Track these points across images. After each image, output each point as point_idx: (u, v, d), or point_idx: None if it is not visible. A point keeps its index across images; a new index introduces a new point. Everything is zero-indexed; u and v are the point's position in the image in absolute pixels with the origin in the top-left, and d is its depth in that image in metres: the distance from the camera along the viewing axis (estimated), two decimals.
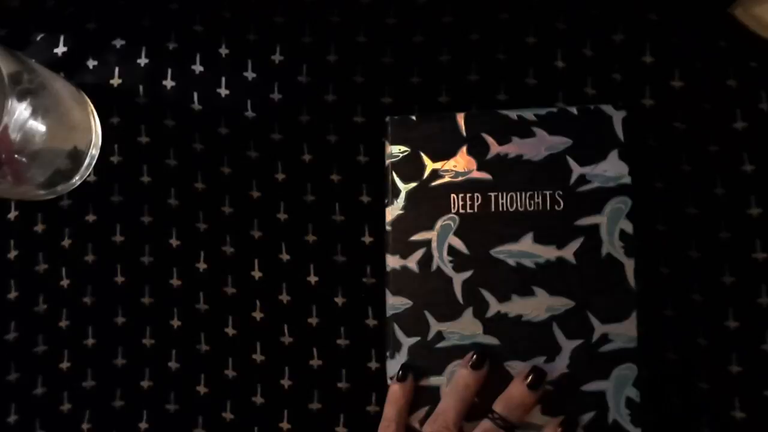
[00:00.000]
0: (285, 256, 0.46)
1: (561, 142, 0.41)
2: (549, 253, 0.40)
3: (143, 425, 0.46)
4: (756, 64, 0.42)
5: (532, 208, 0.40)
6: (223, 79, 0.47)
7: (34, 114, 0.40)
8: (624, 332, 0.39)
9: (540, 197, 0.40)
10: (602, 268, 0.39)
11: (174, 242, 0.47)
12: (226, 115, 0.47)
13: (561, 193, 0.40)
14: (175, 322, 0.46)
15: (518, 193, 0.40)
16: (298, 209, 0.46)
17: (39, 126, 0.41)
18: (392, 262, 0.41)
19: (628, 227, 0.39)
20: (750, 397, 0.41)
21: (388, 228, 0.42)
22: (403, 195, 0.42)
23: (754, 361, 0.41)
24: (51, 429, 0.47)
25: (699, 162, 0.43)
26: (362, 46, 0.46)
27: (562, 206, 0.40)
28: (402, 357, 0.41)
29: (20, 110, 0.39)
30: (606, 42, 0.44)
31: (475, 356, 0.39)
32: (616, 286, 0.39)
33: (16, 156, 0.40)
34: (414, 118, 0.42)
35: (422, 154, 0.42)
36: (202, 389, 0.46)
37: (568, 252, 0.40)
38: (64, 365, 0.47)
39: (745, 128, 0.42)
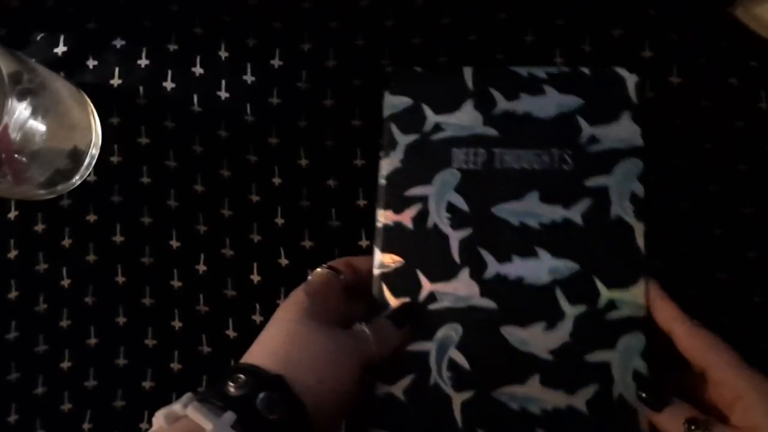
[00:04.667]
0: (284, 261, 0.46)
1: (572, 101, 0.39)
2: (555, 213, 0.37)
3: (144, 426, 0.46)
4: (756, 63, 0.42)
5: (539, 166, 0.38)
6: (223, 82, 0.47)
7: (34, 114, 0.40)
8: (632, 299, 0.36)
9: (548, 156, 0.38)
10: (610, 231, 0.37)
11: (174, 243, 0.47)
12: (225, 118, 0.47)
13: (570, 152, 0.38)
14: (176, 323, 0.46)
15: (525, 151, 0.38)
16: (295, 214, 0.46)
17: (39, 126, 0.41)
18: (384, 217, 0.39)
19: (640, 190, 0.37)
20: None
21: (382, 182, 0.39)
22: (401, 147, 0.39)
23: (749, 360, 0.41)
24: (51, 429, 0.47)
25: (696, 159, 0.43)
26: (360, 50, 0.46)
27: (570, 166, 0.38)
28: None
29: (20, 110, 0.39)
30: (605, 38, 0.44)
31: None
32: (624, 251, 0.37)
33: (16, 156, 0.40)
34: (419, 69, 0.41)
35: (424, 106, 0.40)
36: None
37: (575, 213, 0.37)
38: (65, 365, 0.47)
39: (744, 127, 0.42)
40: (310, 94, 0.46)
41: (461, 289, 0.37)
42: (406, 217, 0.39)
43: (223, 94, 0.47)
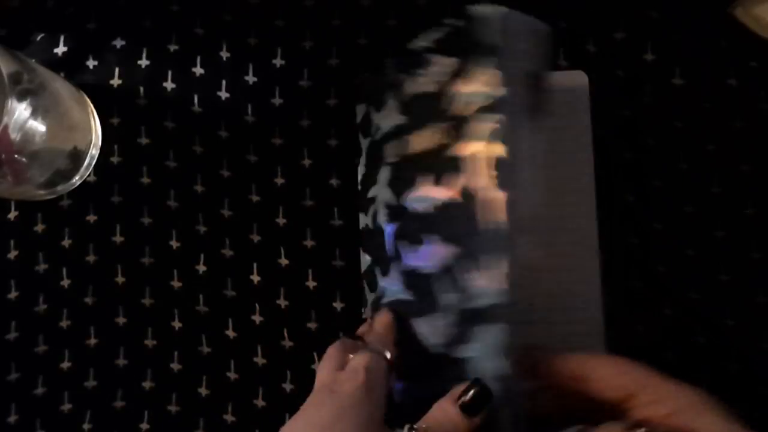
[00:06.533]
0: (284, 261, 0.46)
1: (449, 62, 0.36)
2: (442, 193, 0.35)
3: (144, 426, 0.46)
4: (756, 63, 0.42)
5: (433, 145, 0.36)
6: (224, 82, 0.47)
7: (34, 114, 0.40)
8: (496, 285, 0.32)
9: (438, 133, 0.36)
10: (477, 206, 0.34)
11: (174, 243, 0.47)
12: (226, 118, 0.47)
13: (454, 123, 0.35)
14: (176, 324, 0.46)
15: (424, 131, 0.36)
16: (297, 214, 0.46)
17: (39, 126, 0.41)
18: (362, 220, 0.42)
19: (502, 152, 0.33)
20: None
21: (359, 187, 0.42)
22: (364, 153, 0.42)
23: (753, 361, 0.41)
24: (51, 429, 0.47)
25: (699, 161, 0.43)
26: (363, 49, 0.46)
27: (455, 137, 0.35)
28: (367, 313, 0.40)
29: (20, 110, 0.39)
30: (607, 40, 0.44)
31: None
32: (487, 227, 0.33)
33: (16, 156, 0.40)
34: (367, 74, 0.43)
35: (371, 109, 0.42)
36: (203, 391, 0.46)
37: (456, 190, 0.34)
38: (65, 365, 0.47)
39: (745, 128, 0.42)
40: (313, 93, 0.46)
41: (393, 282, 0.38)
42: (369, 218, 0.41)
43: (224, 95, 0.47)
